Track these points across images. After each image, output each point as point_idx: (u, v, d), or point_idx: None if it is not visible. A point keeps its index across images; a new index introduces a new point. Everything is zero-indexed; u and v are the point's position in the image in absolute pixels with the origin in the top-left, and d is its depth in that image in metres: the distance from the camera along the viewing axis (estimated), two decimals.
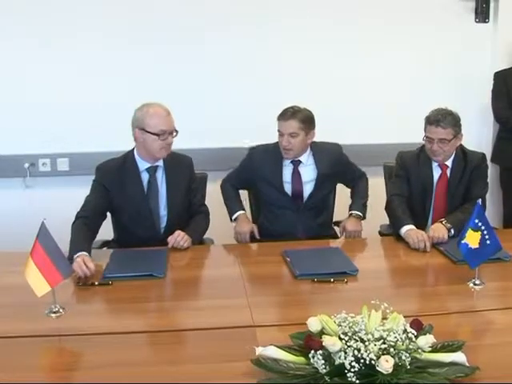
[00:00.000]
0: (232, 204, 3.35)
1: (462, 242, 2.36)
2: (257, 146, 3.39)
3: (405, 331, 1.67)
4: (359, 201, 3.33)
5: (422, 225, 3.08)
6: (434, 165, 3.20)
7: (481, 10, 4.25)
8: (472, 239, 2.35)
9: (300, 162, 3.26)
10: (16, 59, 3.95)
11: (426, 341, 1.67)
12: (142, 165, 3.00)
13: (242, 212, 3.31)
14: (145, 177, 3.01)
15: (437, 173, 3.21)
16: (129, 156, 3.03)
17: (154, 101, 2.95)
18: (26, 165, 4.08)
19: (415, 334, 1.67)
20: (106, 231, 3.05)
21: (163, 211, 3.03)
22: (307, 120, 3.17)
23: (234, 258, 2.83)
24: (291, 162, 3.26)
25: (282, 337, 1.82)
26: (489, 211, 3.58)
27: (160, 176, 3.03)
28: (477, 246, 2.34)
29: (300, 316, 1.89)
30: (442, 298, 2.34)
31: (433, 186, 3.21)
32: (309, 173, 3.27)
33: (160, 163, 3.02)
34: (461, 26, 4.23)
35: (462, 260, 2.48)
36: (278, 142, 3.23)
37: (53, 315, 2.16)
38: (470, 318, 2.16)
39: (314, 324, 1.75)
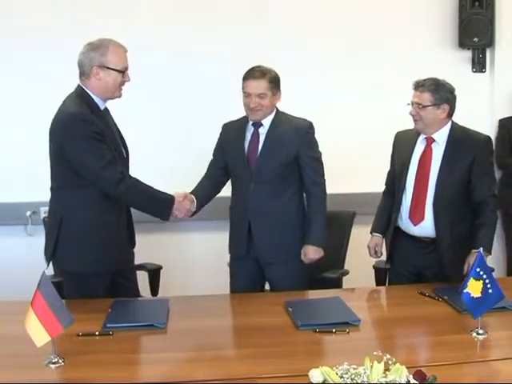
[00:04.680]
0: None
1: (464, 291, 2.35)
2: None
3: (408, 383, 1.65)
4: (318, 229, 3.17)
5: (397, 205, 3.12)
6: (420, 139, 3.08)
7: (477, 60, 4.34)
8: (474, 288, 2.34)
9: (261, 124, 3.16)
10: (17, 108, 4.01)
11: None
12: (101, 105, 2.89)
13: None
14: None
15: (421, 146, 3.08)
16: (83, 95, 2.83)
17: None
18: (28, 213, 4.10)
19: None
20: None
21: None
22: (274, 80, 3.11)
23: (234, 309, 2.81)
24: (252, 124, 3.17)
25: None
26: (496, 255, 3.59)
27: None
28: (479, 295, 2.33)
29: (302, 367, 1.87)
30: (444, 348, 2.30)
31: (409, 161, 3.08)
32: (262, 137, 3.16)
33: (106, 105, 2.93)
34: (458, 76, 4.28)
35: (466, 309, 2.45)
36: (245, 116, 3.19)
37: (52, 366, 2.13)
38: (474, 369, 2.13)
39: (315, 376, 1.73)
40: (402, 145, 3.18)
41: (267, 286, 3.38)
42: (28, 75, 4.02)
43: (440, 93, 2.98)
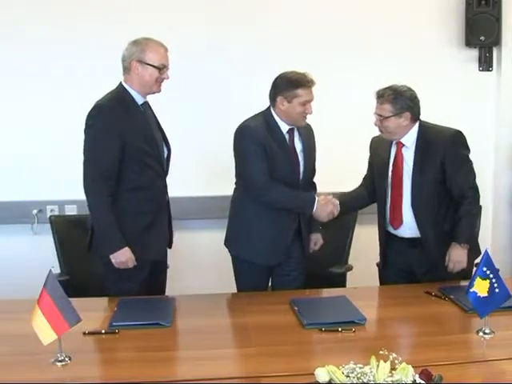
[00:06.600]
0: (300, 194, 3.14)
1: (471, 290, 2.34)
2: (244, 124, 3.10)
3: (414, 382, 1.65)
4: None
5: (382, 212, 3.11)
6: (393, 144, 3.06)
7: (484, 58, 4.31)
8: (481, 287, 2.33)
9: (293, 128, 3.12)
10: (24, 106, 4.01)
11: None
12: (139, 99, 2.95)
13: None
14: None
15: (393, 151, 3.06)
16: (120, 91, 2.94)
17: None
18: (34, 211, 4.10)
19: None
20: None
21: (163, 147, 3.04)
22: None
23: (240, 307, 2.81)
24: (287, 132, 3.11)
25: None
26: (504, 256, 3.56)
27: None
28: (486, 294, 2.32)
29: (307, 366, 1.87)
30: (451, 347, 2.30)
31: (388, 167, 3.08)
32: (298, 142, 3.16)
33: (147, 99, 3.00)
34: (465, 75, 4.28)
35: (473, 309, 2.44)
36: (260, 115, 3.11)
37: (58, 364, 2.14)
38: (480, 368, 2.13)
39: (321, 375, 1.73)
40: (379, 150, 3.17)
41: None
42: (43, 75, 4.01)
43: (399, 102, 2.95)
